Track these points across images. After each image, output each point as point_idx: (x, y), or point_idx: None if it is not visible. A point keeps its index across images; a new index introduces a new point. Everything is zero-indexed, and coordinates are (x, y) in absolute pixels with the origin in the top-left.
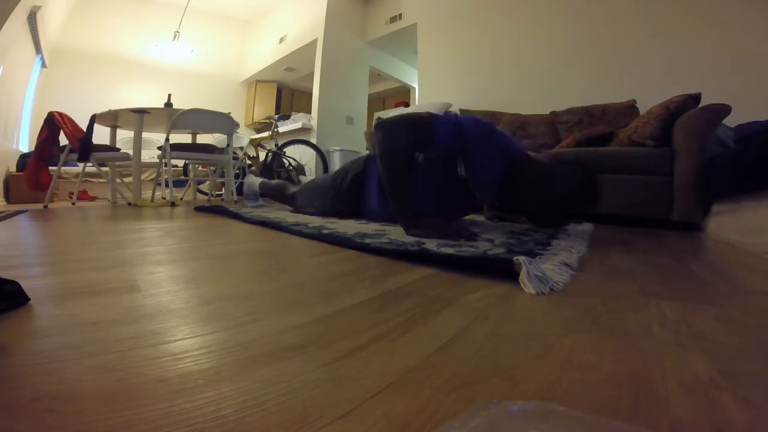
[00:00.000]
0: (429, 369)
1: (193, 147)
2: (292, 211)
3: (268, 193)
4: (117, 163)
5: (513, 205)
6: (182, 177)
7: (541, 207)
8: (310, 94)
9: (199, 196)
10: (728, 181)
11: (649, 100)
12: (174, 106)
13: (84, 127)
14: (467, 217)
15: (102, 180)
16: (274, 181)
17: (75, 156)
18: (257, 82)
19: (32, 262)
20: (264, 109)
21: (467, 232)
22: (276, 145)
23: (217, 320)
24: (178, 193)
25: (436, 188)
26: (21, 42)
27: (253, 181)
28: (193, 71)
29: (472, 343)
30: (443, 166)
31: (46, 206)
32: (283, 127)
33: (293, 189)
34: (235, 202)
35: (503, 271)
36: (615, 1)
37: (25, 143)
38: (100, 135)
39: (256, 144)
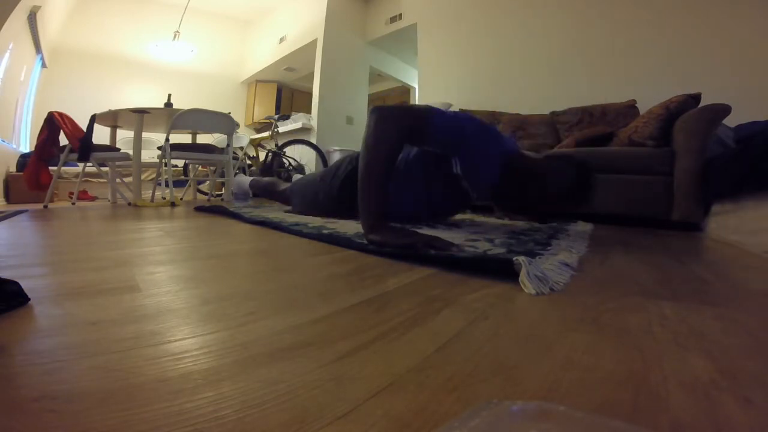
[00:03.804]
0: (429, 369)
1: (193, 147)
2: (288, 211)
3: (259, 192)
4: (117, 163)
5: (507, 201)
6: (182, 177)
7: (535, 203)
8: (310, 94)
9: (199, 196)
10: (728, 181)
11: (649, 100)
12: (174, 106)
13: (84, 127)
14: (466, 217)
15: (102, 180)
16: (265, 179)
17: (75, 156)
18: (257, 82)
19: (32, 262)
20: (264, 109)
21: (440, 242)
22: (276, 145)
23: (217, 320)
24: (178, 193)
25: (424, 187)
26: (21, 42)
27: (243, 180)
28: (193, 71)
29: (472, 343)
30: (435, 162)
31: (46, 206)
32: (283, 127)
33: (284, 186)
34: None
35: (503, 271)
36: (615, 1)
37: (25, 143)
38: (100, 135)
39: (256, 144)
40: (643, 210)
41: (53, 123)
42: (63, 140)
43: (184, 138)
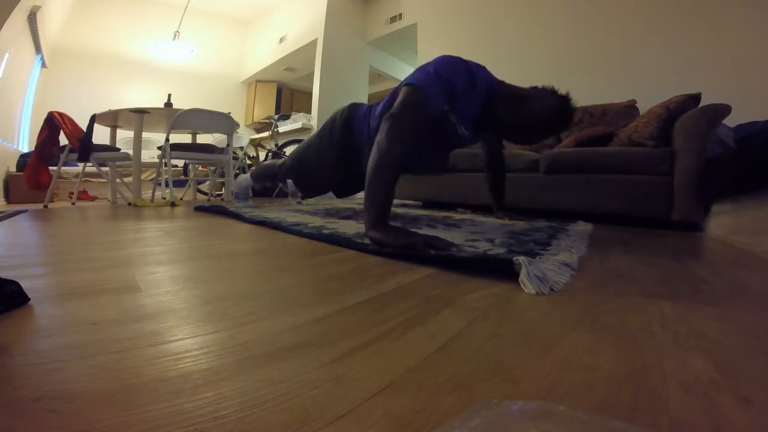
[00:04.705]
0: (429, 369)
1: (193, 147)
2: (293, 198)
3: (260, 179)
4: (117, 163)
5: (494, 128)
6: (182, 177)
7: (519, 127)
8: (310, 94)
9: (199, 196)
10: (728, 181)
11: (649, 100)
12: (174, 106)
13: (84, 127)
14: (466, 217)
15: (102, 180)
16: (263, 164)
17: (75, 156)
18: (257, 82)
19: (32, 262)
20: (264, 109)
21: (440, 242)
22: (276, 145)
23: (217, 320)
24: (178, 193)
25: (423, 148)
26: (21, 42)
27: (243, 178)
28: (193, 71)
29: (472, 343)
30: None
31: (46, 206)
32: (283, 127)
33: (280, 162)
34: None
35: (503, 271)
36: (615, 1)
37: (25, 143)
38: (100, 135)
39: (256, 144)
40: (643, 210)
41: (53, 123)
42: (63, 140)
43: (184, 138)
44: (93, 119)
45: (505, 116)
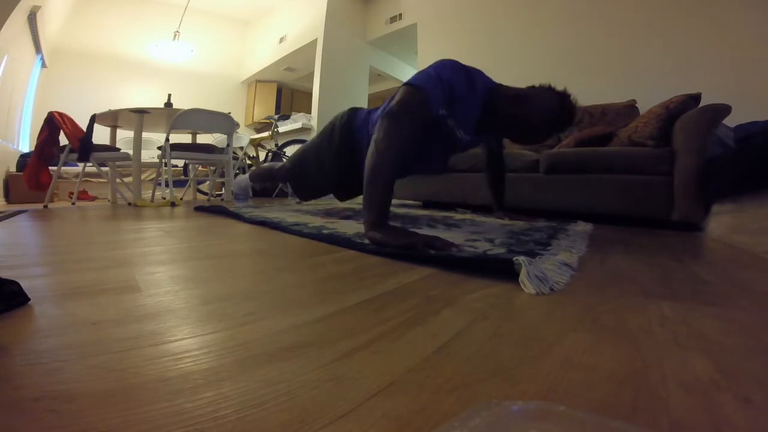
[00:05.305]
0: (429, 369)
1: (193, 147)
2: (292, 195)
3: (259, 180)
4: (117, 163)
5: (493, 131)
6: (182, 177)
7: (522, 127)
8: (310, 94)
9: (199, 196)
10: (728, 181)
11: (649, 100)
12: (174, 106)
13: (84, 127)
14: (466, 217)
15: (102, 180)
16: (262, 165)
17: (75, 156)
18: (257, 82)
19: (32, 262)
20: (264, 109)
21: (440, 242)
22: (276, 145)
23: (217, 320)
24: (178, 193)
25: (422, 152)
26: (21, 42)
27: (242, 178)
28: (193, 71)
29: (472, 343)
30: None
31: (46, 206)
32: (283, 127)
33: (279, 165)
34: None
35: (503, 271)
36: (615, 1)
37: (25, 143)
38: (100, 135)
39: (256, 144)
40: (643, 210)
41: (53, 123)
42: (63, 140)
43: (184, 138)
44: (93, 119)
45: (507, 118)
